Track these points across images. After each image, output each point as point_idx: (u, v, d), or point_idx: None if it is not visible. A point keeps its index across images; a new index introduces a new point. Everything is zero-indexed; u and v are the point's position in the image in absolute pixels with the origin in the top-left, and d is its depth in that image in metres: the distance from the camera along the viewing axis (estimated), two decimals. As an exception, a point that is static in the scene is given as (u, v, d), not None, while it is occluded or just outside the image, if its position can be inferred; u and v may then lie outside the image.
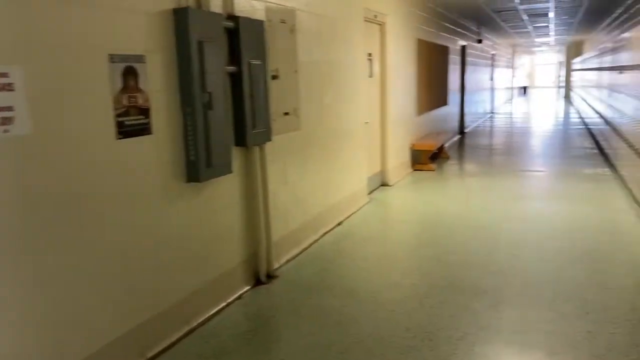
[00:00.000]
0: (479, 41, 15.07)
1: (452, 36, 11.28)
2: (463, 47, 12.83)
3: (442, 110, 10.60)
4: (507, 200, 6.18)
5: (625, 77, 6.79)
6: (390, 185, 7.20)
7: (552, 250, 4.35)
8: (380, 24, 6.80)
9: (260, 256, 3.95)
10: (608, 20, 12.57)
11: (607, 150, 8.80)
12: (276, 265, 4.18)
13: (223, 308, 3.51)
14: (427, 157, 8.34)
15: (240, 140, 3.63)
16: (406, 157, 8.07)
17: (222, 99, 3.30)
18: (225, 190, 3.57)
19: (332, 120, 5.25)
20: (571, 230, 4.90)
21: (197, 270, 3.32)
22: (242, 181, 3.76)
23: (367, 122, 6.34)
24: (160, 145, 2.97)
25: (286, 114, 4.30)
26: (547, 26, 15.02)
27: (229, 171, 3.46)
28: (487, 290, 3.60)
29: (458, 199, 6.33)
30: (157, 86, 2.93)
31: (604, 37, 13.33)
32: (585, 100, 14.98)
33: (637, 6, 8.47)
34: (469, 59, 13.51)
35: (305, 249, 4.65)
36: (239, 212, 3.75)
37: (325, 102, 5.09)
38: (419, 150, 8.32)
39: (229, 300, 3.60)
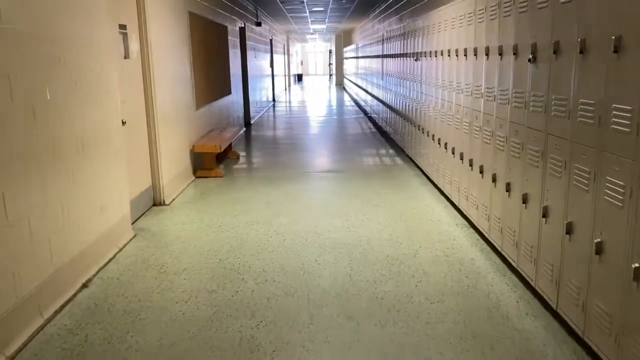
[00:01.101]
0: (258, 24, 13.91)
1: (230, 14, 9.78)
2: (242, 29, 11.47)
3: (226, 100, 9.07)
4: (316, 219, 4.94)
5: (426, 65, 6.15)
6: (167, 205, 5.42)
7: (402, 318, 3.18)
8: (136, -15, 4.91)
9: None
10: (381, 8, 12.51)
11: (401, 144, 8.35)
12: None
13: None
14: (213, 160, 6.74)
15: None
16: (186, 162, 6.34)
17: None
18: None
19: (61, 124, 3.28)
20: (405, 266, 3.86)
21: None
22: None
23: (124, 122, 4.46)
24: None
25: (-57, 123, 2.25)
26: (325, 11, 14.59)
27: None
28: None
29: (259, 220, 4.89)
30: None
31: (379, 25, 13.35)
32: (363, 89, 15.05)
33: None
34: (249, 42, 12.22)
35: (15, 355, 2.68)
36: None
37: (47, 97, 3.10)
38: (202, 153, 6.66)
39: None
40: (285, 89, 25.51)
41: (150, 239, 4.43)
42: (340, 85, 28.49)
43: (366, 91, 14.28)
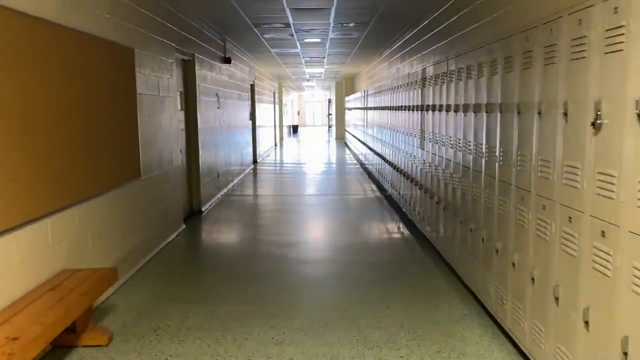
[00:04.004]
0: (226, 60, 9.60)
1: (148, 32, 5.39)
2: (187, 62, 7.11)
3: (122, 192, 4.50)
4: None
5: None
6: None
7: None
8: None
9: None
10: (406, 38, 8.20)
11: (466, 278, 3.76)
12: None
13: None
14: None
15: None
16: None
17: None
18: None
19: None
20: None
21: None
22: None
23: None
24: None
25: None
26: (323, 43, 10.32)
27: None
28: None
29: None
30: None
31: (400, 64, 9.00)
32: (378, 154, 10.61)
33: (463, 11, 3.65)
34: (204, 85, 7.83)
35: None
36: None
37: None
38: None
39: None
40: (275, 145, 21.18)
41: None
42: (341, 140, 24.23)
43: (383, 158, 9.79)
